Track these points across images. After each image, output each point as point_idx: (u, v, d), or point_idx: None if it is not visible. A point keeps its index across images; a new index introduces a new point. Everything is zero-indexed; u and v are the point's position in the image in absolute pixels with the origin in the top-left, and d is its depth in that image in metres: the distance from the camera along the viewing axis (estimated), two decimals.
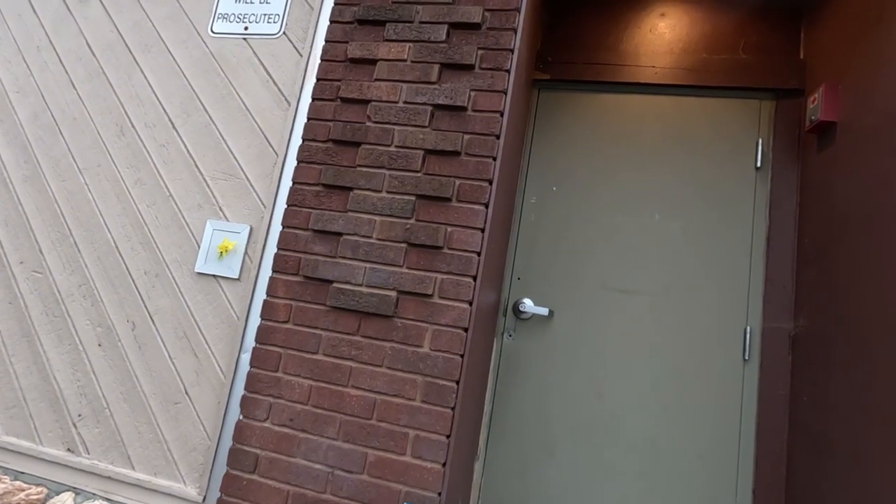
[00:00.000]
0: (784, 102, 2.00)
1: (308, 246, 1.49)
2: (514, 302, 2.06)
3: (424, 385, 1.35)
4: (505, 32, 1.51)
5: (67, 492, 1.47)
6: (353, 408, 1.37)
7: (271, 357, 1.45)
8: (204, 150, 1.66)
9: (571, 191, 2.11)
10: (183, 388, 1.51)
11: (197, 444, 1.47)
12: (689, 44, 2.13)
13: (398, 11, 1.59)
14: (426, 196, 1.44)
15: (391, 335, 1.40)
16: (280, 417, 1.41)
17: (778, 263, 1.88)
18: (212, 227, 1.59)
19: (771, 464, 1.76)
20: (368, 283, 1.43)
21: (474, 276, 1.39)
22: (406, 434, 1.33)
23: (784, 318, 1.84)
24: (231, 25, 1.74)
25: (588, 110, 2.17)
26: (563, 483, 1.89)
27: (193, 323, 1.55)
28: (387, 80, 1.54)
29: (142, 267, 1.62)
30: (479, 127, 1.47)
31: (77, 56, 1.84)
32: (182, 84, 1.73)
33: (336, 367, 1.41)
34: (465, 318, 1.37)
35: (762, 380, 1.82)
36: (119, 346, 1.58)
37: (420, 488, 1.30)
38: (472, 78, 1.51)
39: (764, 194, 1.95)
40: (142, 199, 1.67)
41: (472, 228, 1.41)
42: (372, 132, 1.52)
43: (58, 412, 1.57)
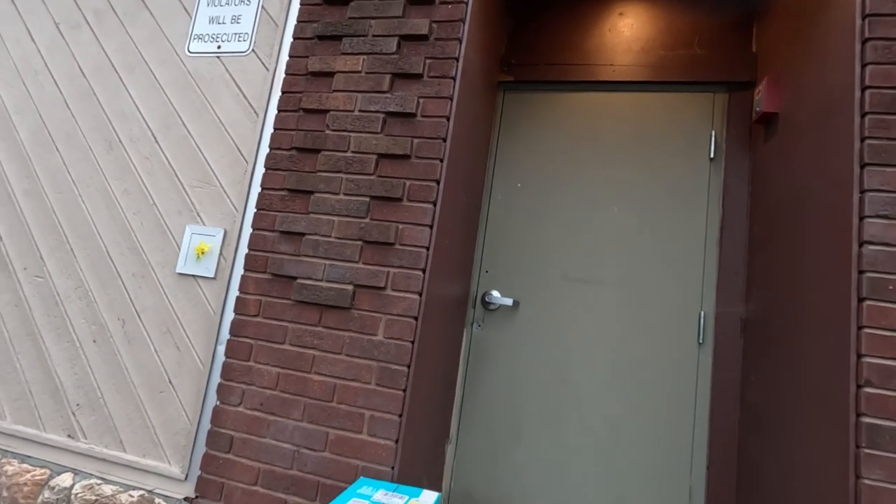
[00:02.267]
0: (736, 95, 2.07)
1: (275, 246, 1.63)
2: (482, 294, 2.18)
3: (379, 370, 1.48)
4: (450, 42, 1.63)
5: (68, 473, 1.64)
6: (315, 392, 1.51)
7: (243, 348, 1.59)
8: (183, 161, 1.81)
9: (536, 188, 2.22)
10: (167, 378, 1.66)
11: (180, 428, 1.62)
12: (647, 41, 2.21)
13: (353, 26, 1.71)
14: (379, 197, 1.57)
15: (349, 325, 1.52)
16: (252, 402, 1.55)
17: (730, 251, 1.96)
18: (190, 232, 1.74)
19: (723, 442, 1.84)
20: (328, 278, 1.56)
21: (423, 268, 1.51)
22: (362, 414, 1.46)
23: (736, 303, 1.92)
24: (205, 45, 1.88)
25: (551, 109, 2.27)
26: (530, 465, 2.00)
27: (175, 319, 1.70)
28: (343, 91, 1.67)
29: (130, 269, 1.78)
30: (427, 131, 1.58)
31: (70, 78, 2.01)
32: (163, 100, 1.88)
33: (300, 356, 1.54)
34: (416, 307, 1.49)
35: (715, 362, 1.91)
36: (111, 341, 1.74)
37: (375, 463, 1.43)
38: (420, 86, 1.62)
39: (717, 184, 2.03)
40: (129, 207, 1.83)
41: (421, 225, 1.53)
42: (330, 139, 1.65)
43: (58, 402, 1.74)
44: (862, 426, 1.18)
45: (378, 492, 1.30)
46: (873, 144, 1.28)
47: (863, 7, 1.36)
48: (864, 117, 1.31)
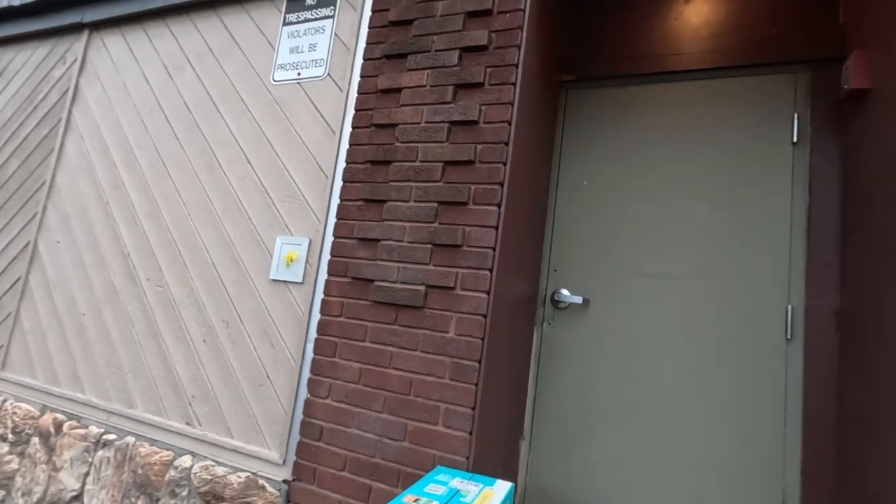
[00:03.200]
0: (821, 73, 1.93)
1: (353, 252, 1.78)
2: (552, 292, 2.20)
3: (451, 365, 1.56)
4: (509, 50, 1.69)
5: (187, 455, 1.89)
6: (394, 386, 1.62)
7: (329, 345, 1.75)
8: (272, 179, 2.02)
9: (603, 184, 2.20)
10: (265, 373, 1.86)
11: (277, 418, 1.81)
12: (717, 25, 2.12)
13: (417, 43, 1.83)
14: (446, 202, 1.66)
15: (422, 323, 1.63)
16: (338, 395, 1.70)
17: (821, 239, 1.83)
18: (280, 242, 1.93)
19: (820, 444, 1.72)
20: (402, 280, 1.67)
21: (490, 268, 1.57)
22: (438, 407, 1.56)
23: (829, 295, 1.79)
24: (287, 73, 2.09)
25: (616, 105, 2.25)
26: (605, 461, 1.99)
27: (270, 320, 1.90)
28: (410, 105, 1.79)
29: (231, 277, 2.01)
30: (489, 137, 1.65)
31: (178, 113, 2.32)
32: (254, 126, 2.11)
33: (379, 352, 1.67)
34: (484, 305, 1.56)
35: (807, 359, 1.78)
36: (218, 341, 1.98)
37: (451, 453, 1.51)
38: (482, 94, 1.70)
39: (802, 169, 1.90)
40: (228, 222, 2.07)
41: (487, 227, 1.60)
42: (400, 151, 1.77)
43: (178, 394, 2.01)
44: None
45: (454, 479, 1.37)
46: None
47: None
48: None
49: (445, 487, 1.31)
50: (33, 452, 2.18)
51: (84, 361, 2.26)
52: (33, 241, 2.58)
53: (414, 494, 1.24)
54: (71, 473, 2.06)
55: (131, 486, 1.93)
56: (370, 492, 1.59)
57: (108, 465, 2.00)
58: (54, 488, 2.08)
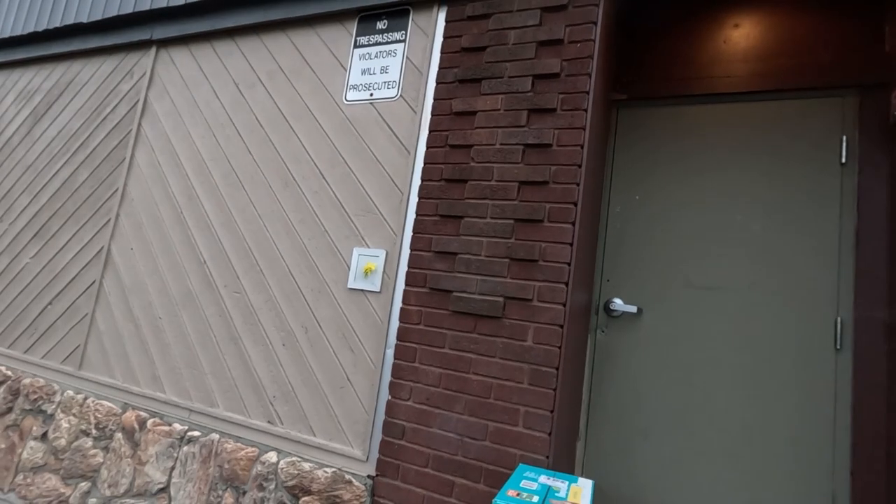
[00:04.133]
0: (868, 98, 2.04)
1: (431, 264, 1.91)
2: (605, 301, 2.32)
3: (530, 371, 1.69)
4: (580, 78, 1.81)
5: (272, 451, 2.03)
6: (474, 389, 1.75)
7: (409, 351, 1.88)
8: (347, 194, 2.15)
9: (655, 199, 2.32)
10: (345, 375, 2.00)
11: (358, 418, 1.94)
12: (765, 50, 2.24)
13: (491, 69, 1.95)
14: (522, 219, 1.79)
15: (501, 332, 1.76)
16: (419, 397, 1.83)
17: (870, 255, 1.94)
18: (357, 253, 2.07)
19: (869, 448, 1.84)
20: (480, 291, 1.80)
21: (566, 282, 1.70)
22: (518, 410, 1.68)
23: (878, 308, 1.90)
24: (360, 93, 2.22)
25: (665, 123, 2.37)
26: (657, 463, 2.11)
27: (349, 326, 2.03)
28: (485, 128, 1.91)
29: (309, 285, 2.15)
30: (563, 159, 1.78)
31: (250, 129, 2.45)
32: (327, 143, 2.25)
33: (459, 358, 1.80)
34: (561, 317, 1.69)
35: (856, 368, 1.90)
36: (297, 345, 2.12)
37: (531, 452, 1.64)
38: (554, 119, 1.82)
39: (851, 189, 2.02)
40: (304, 234, 2.20)
41: (562, 244, 1.73)
42: (475, 171, 1.90)
43: (258, 395, 2.15)
44: None
45: (541, 476, 1.50)
46: None
47: None
48: None
49: (537, 483, 1.44)
50: (118, 447, 2.33)
51: (162, 363, 2.40)
52: (107, 247, 2.72)
53: (514, 489, 1.37)
54: (157, 467, 2.21)
55: (218, 480, 2.07)
56: (453, 487, 1.72)
57: (194, 459, 2.14)
58: (140, 481, 2.23)
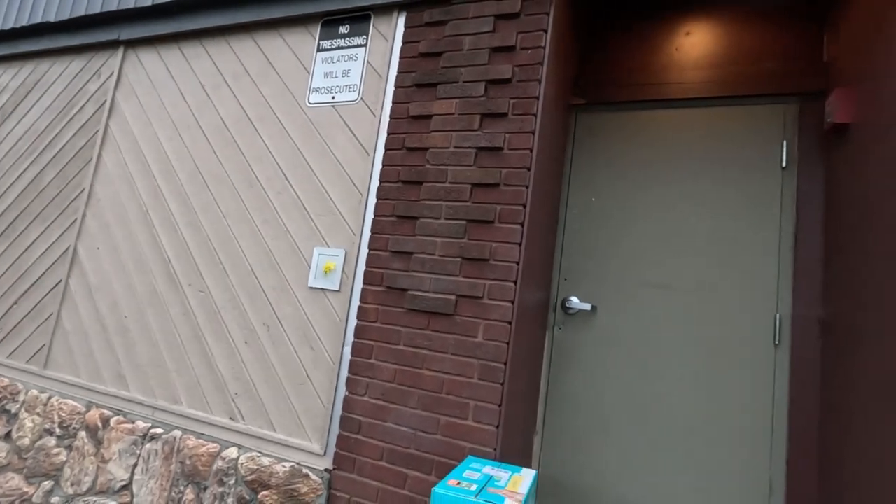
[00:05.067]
0: (808, 105, 2.14)
1: (388, 263, 1.96)
2: (562, 300, 2.40)
3: (480, 367, 1.76)
4: (531, 83, 1.88)
5: (233, 447, 2.07)
6: (427, 385, 1.81)
7: (366, 348, 1.93)
8: (309, 194, 2.20)
9: (610, 201, 2.40)
10: (305, 372, 2.04)
11: (317, 413, 1.99)
12: (716, 58, 2.33)
13: (446, 74, 2.01)
14: (475, 220, 1.85)
15: (453, 329, 1.82)
16: (375, 393, 1.88)
17: (806, 255, 2.04)
18: (318, 253, 2.11)
19: (803, 438, 1.93)
20: (434, 289, 1.86)
21: (515, 280, 1.77)
22: (468, 404, 1.75)
23: (813, 306, 2.00)
24: (322, 96, 2.27)
25: (622, 128, 2.45)
26: (612, 455, 2.19)
27: (309, 324, 2.08)
28: (440, 131, 1.97)
29: (271, 284, 2.19)
30: (513, 162, 1.85)
31: (216, 130, 2.48)
32: (290, 145, 2.29)
33: (414, 355, 1.86)
34: (509, 314, 1.75)
35: (793, 362, 2.00)
36: (259, 343, 2.15)
37: (480, 445, 1.70)
38: (506, 123, 1.89)
39: (790, 191, 2.12)
40: (267, 233, 2.24)
41: (511, 244, 1.79)
42: (431, 173, 1.95)
43: (221, 391, 2.18)
44: None
45: (486, 467, 1.57)
46: None
47: None
48: None
49: (479, 473, 1.50)
50: (81, 445, 2.35)
51: (127, 361, 2.42)
52: (73, 247, 2.73)
53: (455, 479, 1.43)
54: (120, 465, 2.23)
55: (179, 476, 2.10)
56: (406, 479, 1.78)
57: (156, 456, 2.17)
58: (103, 478, 2.25)
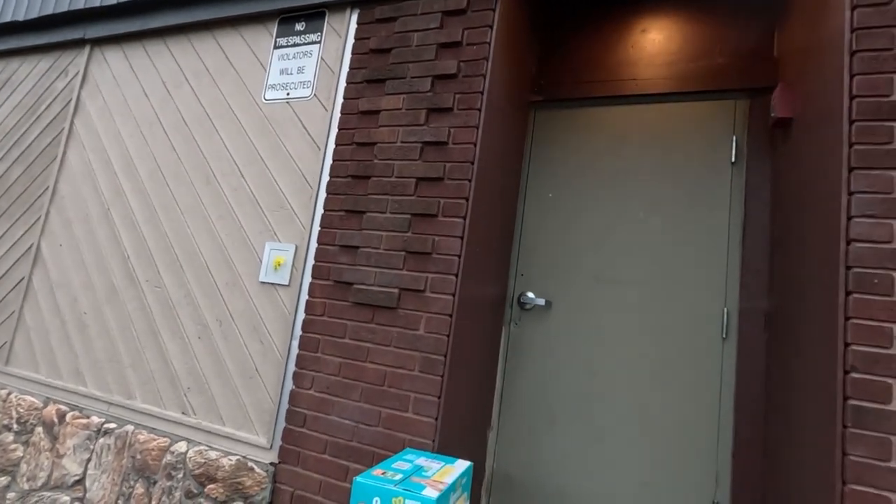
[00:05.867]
0: (757, 100, 2.16)
1: (336, 258, 1.97)
2: (518, 295, 2.41)
3: (421, 359, 1.76)
4: (476, 78, 1.90)
5: (183, 441, 2.07)
6: (370, 378, 1.82)
7: (312, 342, 1.94)
8: (262, 190, 2.21)
9: (567, 197, 2.42)
10: (254, 366, 2.05)
11: (266, 407, 2.00)
12: (670, 55, 2.35)
13: (395, 70, 2.03)
14: (418, 214, 1.86)
15: (396, 322, 1.83)
16: (320, 386, 1.89)
17: (753, 250, 2.06)
18: (269, 248, 2.12)
19: (748, 430, 1.94)
20: (378, 283, 1.87)
21: (455, 273, 1.78)
22: (408, 396, 1.76)
23: (759, 299, 2.01)
24: (277, 93, 2.28)
25: (579, 124, 2.47)
26: (563, 449, 2.20)
27: (260, 319, 2.09)
28: (388, 126, 1.99)
29: (224, 280, 2.20)
30: (457, 157, 1.86)
31: (176, 127, 2.50)
32: (246, 141, 2.30)
33: (358, 348, 1.86)
34: (450, 307, 1.76)
35: (740, 355, 2.01)
36: (212, 338, 2.16)
37: (419, 437, 1.71)
38: (451, 118, 1.90)
39: (739, 186, 2.13)
40: (222, 229, 2.25)
41: (453, 237, 1.80)
42: (378, 167, 1.97)
43: (174, 386, 2.19)
44: (848, 408, 1.29)
45: (419, 458, 1.57)
46: (860, 150, 1.39)
47: (851, 21, 1.47)
48: (852, 124, 1.41)
49: (411, 464, 1.51)
50: (37, 441, 2.35)
51: (85, 357, 2.43)
52: (36, 244, 2.74)
53: (382, 469, 1.43)
54: (73, 459, 2.23)
55: (130, 471, 2.11)
56: (348, 472, 1.78)
57: (109, 451, 2.17)
58: (58, 473, 2.25)
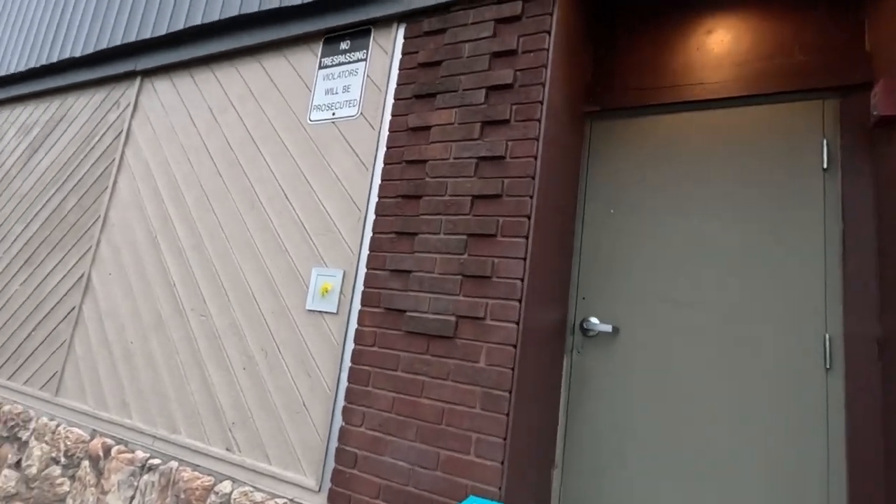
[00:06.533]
0: (850, 99, 1.92)
1: (386, 283, 1.85)
2: (580, 320, 2.21)
3: (482, 395, 1.59)
4: (534, 87, 1.76)
5: (227, 480, 1.96)
6: (426, 415, 1.66)
7: (363, 374, 1.80)
8: (308, 213, 2.12)
9: (630, 212, 2.22)
10: (302, 400, 1.93)
11: (314, 445, 1.86)
12: (740, 55, 2.15)
13: (445, 84, 1.92)
14: (475, 234, 1.72)
15: (453, 353, 1.67)
16: (371, 423, 1.74)
17: (857, 266, 1.80)
18: (316, 273, 2.02)
19: (867, 475, 1.66)
20: (433, 310, 1.72)
21: (519, 299, 1.61)
22: (469, 437, 1.58)
23: (869, 323, 1.74)
24: (323, 113, 2.21)
25: (640, 133, 2.28)
26: (634, 492, 1.95)
27: (307, 350, 1.97)
28: (439, 142, 1.87)
29: (270, 307, 2.10)
30: (516, 171, 1.71)
31: (222, 152, 2.47)
32: (291, 164, 2.23)
33: (412, 381, 1.71)
34: (513, 336, 1.59)
35: (849, 390, 1.73)
36: (257, 369, 2.06)
37: (483, 483, 1.53)
38: (508, 130, 1.77)
39: (834, 195, 1.89)
40: (267, 255, 2.18)
41: (515, 258, 1.64)
42: (430, 186, 1.84)
43: (219, 420, 2.09)
44: None
45: None
46: None
47: None
48: None
49: None
50: (83, 475, 2.29)
51: (131, 387, 2.38)
52: (87, 273, 2.75)
53: None
54: (118, 497, 2.15)
55: None
56: None
57: (153, 489, 2.08)
58: None
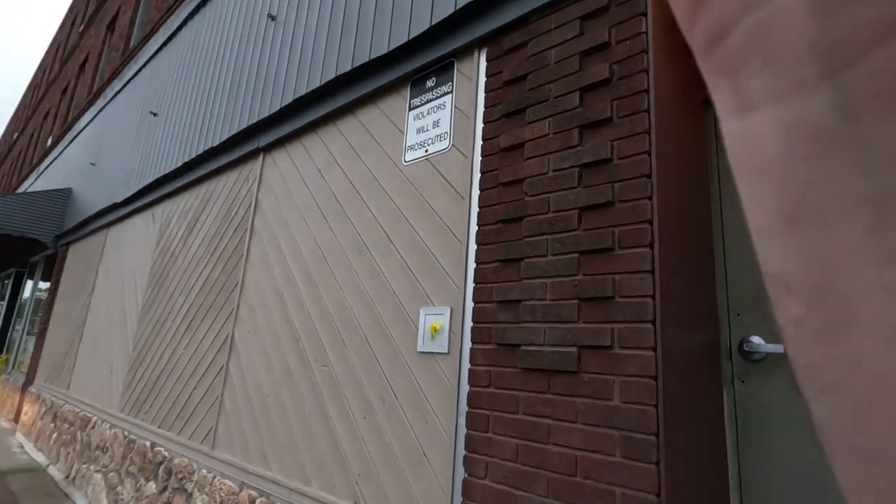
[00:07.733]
0: None
1: (495, 316, 1.69)
2: (738, 342, 1.81)
3: (622, 440, 1.33)
4: (636, 77, 1.54)
5: None
6: (556, 465, 1.43)
7: (481, 419, 1.64)
8: (411, 253, 2.08)
9: None
10: (421, 450, 1.81)
11: (438, 499, 1.72)
12: None
13: (534, 96, 1.78)
14: (588, 251, 1.50)
15: (579, 390, 1.43)
16: (496, 475, 1.55)
17: None
18: (424, 313, 1.94)
19: None
20: (549, 341, 1.52)
21: (652, 320, 1.34)
22: (612, 492, 1.31)
23: None
24: (416, 152, 2.21)
25: None
26: None
27: (422, 394, 1.87)
28: (535, 157, 1.72)
29: (383, 352, 2.07)
30: (627, 173, 1.48)
31: (329, 206, 2.59)
32: (392, 207, 2.24)
33: (535, 426, 1.50)
34: (651, 365, 1.32)
35: None
36: (376, 417, 2.01)
37: None
38: (611, 129, 1.56)
39: None
40: (377, 299, 2.16)
41: (641, 272, 1.39)
42: (530, 205, 1.68)
43: (345, 472, 2.06)
44: None
45: None
46: None
47: None
48: None
49: None
50: None
51: (269, 439, 2.48)
52: (231, 334, 3.02)
53: None
54: None
55: None
56: None
57: None
58: None
